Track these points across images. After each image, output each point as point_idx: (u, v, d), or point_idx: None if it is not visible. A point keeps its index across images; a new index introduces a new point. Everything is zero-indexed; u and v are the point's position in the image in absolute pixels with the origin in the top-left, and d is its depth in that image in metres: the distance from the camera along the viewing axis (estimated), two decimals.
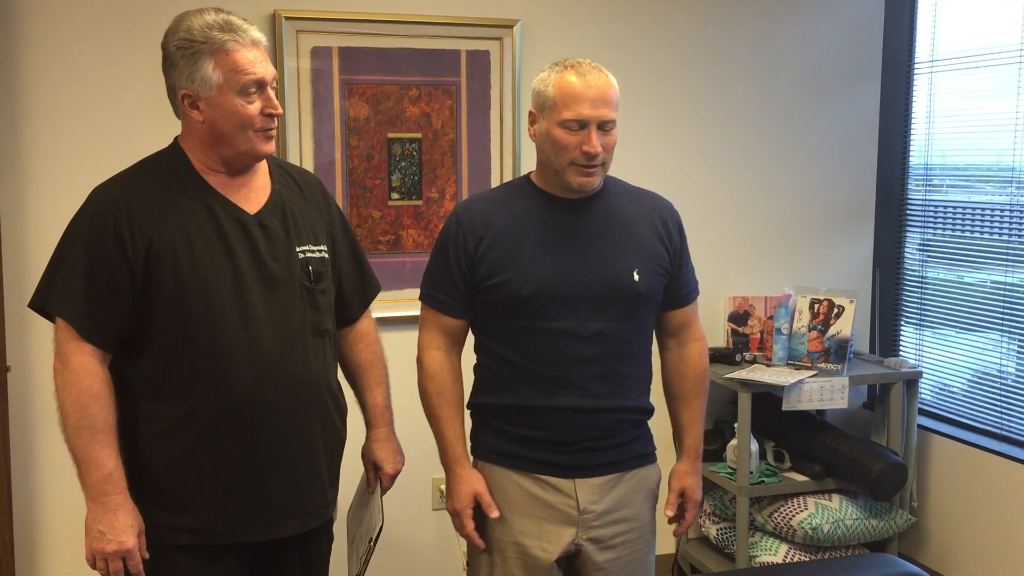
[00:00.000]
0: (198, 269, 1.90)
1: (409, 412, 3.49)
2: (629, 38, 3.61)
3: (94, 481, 1.87)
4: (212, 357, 1.91)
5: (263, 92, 1.93)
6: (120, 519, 1.87)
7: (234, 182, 2.00)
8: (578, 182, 2.12)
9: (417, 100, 3.39)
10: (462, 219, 2.19)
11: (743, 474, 3.40)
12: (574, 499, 2.18)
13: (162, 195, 1.93)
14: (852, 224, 3.99)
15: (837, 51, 3.89)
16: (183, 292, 1.89)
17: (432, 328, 2.26)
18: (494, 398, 2.22)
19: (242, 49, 1.90)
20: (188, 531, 1.94)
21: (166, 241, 1.89)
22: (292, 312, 1.99)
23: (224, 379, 1.91)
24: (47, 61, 3.05)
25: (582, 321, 2.14)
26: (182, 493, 1.93)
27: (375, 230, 3.39)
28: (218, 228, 1.94)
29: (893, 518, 3.53)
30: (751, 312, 3.74)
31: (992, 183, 3.66)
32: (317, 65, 3.27)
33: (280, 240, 2.01)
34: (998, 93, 3.60)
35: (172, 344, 1.90)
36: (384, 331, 3.42)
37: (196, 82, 1.89)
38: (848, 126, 3.94)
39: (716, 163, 3.78)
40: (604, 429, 2.19)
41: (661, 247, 2.23)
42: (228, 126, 1.91)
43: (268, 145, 1.97)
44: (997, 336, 3.57)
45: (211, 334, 1.90)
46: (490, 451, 2.23)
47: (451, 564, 3.61)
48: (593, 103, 2.07)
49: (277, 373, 1.95)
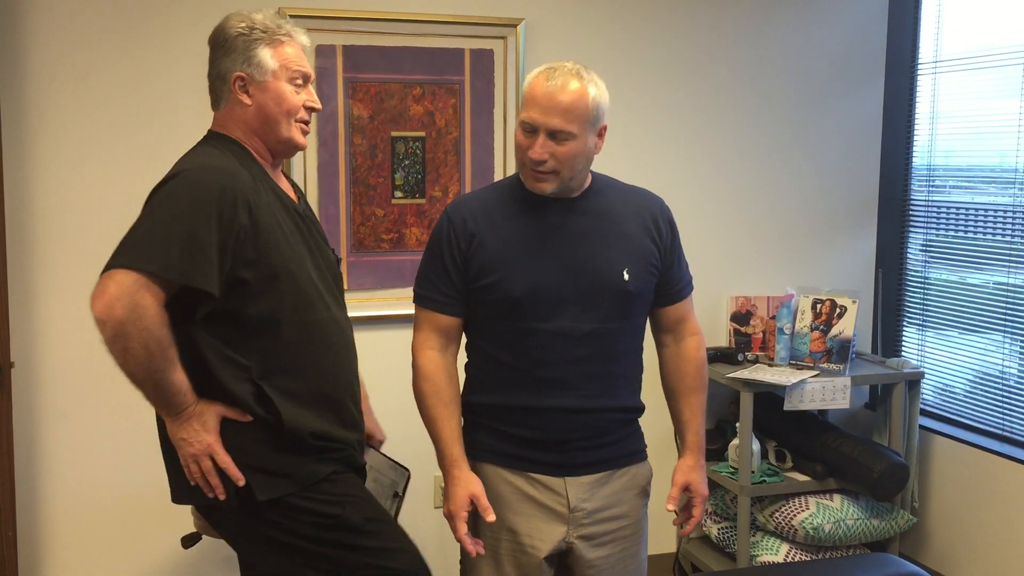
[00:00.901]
0: (295, 254, 2.04)
1: (409, 411, 3.49)
2: (633, 38, 3.61)
3: (176, 403, 1.95)
4: (317, 338, 2.07)
5: (306, 87, 2.11)
6: (196, 423, 1.97)
7: (275, 173, 2.15)
8: (529, 184, 2.13)
9: (421, 99, 3.39)
10: (453, 218, 2.18)
11: (745, 474, 3.40)
12: (564, 497, 2.18)
13: (250, 180, 2.00)
14: (855, 224, 3.99)
15: (841, 51, 3.89)
16: (293, 275, 2.01)
17: (426, 328, 2.23)
18: (485, 398, 2.22)
19: (295, 44, 2.09)
20: (339, 460, 2.12)
21: (267, 225, 1.99)
22: (341, 295, 2.22)
23: (326, 354, 2.10)
24: (53, 61, 3.06)
25: (574, 322, 2.13)
26: (321, 440, 2.08)
27: (378, 228, 3.40)
28: (291, 216, 2.08)
29: (894, 518, 3.53)
30: (753, 312, 3.74)
31: (995, 184, 3.66)
32: (321, 63, 3.27)
33: (321, 232, 2.21)
34: (1002, 94, 3.60)
35: (286, 325, 2.01)
36: (387, 328, 3.46)
37: (252, 66, 2.03)
38: (851, 126, 3.94)
39: (719, 163, 3.78)
40: (594, 428, 2.19)
41: (651, 245, 2.21)
42: (276, 110, 2.05)
43: (303, 139, 2.13)
44: (999, 337, 3.57)
45: (316, 315, 2.06)
46: (482, 449, 2.22)
47: (453, 562, 3.61)
48: (544, 110, 2.03)
49: (350, 350, 2.20)
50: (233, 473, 1.98)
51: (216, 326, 1.98)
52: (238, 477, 1.98)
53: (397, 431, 3.49)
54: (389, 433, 3.48)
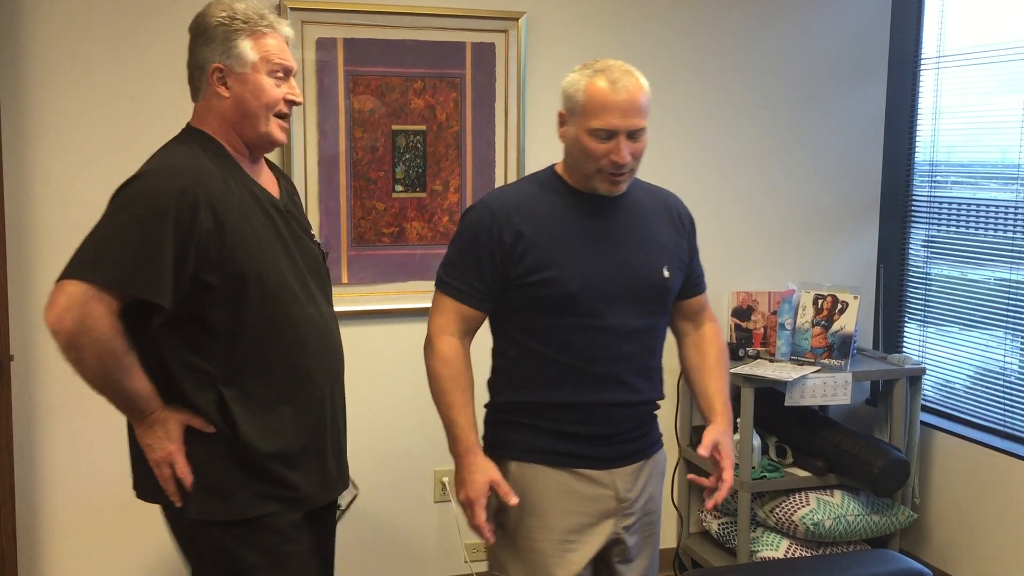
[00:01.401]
0: (267, 254, 1.97)
1: (410, 406, 3.51)
2: (634, 33, 3.60)
3: (138, 410, 1.94)
4: (289, 341, 2.00)
5: (288, 80, 2.04)
6: (159, 431, 1.95)
7: (254, 169, 2.08)
8: (605, 188, 2.14)
9: (422, 92, 3.38)
10: (496, 211, 2.14)
11: (745, 469, 3.39)
12: (612, 489, 2.20)
13: (220, 178, 1.95)
14: (857, 220, 3.98)
15: (843, 47, 3.87)
16: (261, 277, 1.95)
17: (449, 314, 2.19)
18: (527, 395, 2.18)
19: (277, 36, 2.02)
20: (278, 500, 2.01)
21: (236, 224, 1.93)
22: (326, 289, 2.15)
23: (300, 363, 2.02)
24: (53, 59, 3.04)
25: (623, 318, 2.15)
26: (278, 464, 2.01)
27: (379, 222, 3.39)
28: (265, 212, 2.02)
29: (895, 514, 3.53)
30: (755, 307, 3.74)
31: (997, 180, 3.65)
32: (322, 56, 3.26)
33: (304, 228, 2.14)
34: (1004, 90, 3.59)
35: (252, 330, 1.96)
36: (388, 323, 3.46)
37: (231, 57, 1.97)
38: (854, 122, 3.93)
39: (721, 159, 3.77)
40: (638, 420, 2.24)
41: (680, 240, 2.28)
42: (255, 104, 1.99)
43: (282, 135, 2.05)
44: (1001, 333, 3.57)
45: (287, 318, 1.99)
46: (524, 449, 2.18)
47: (453, 557, 3.62)
48: (623, 113, 2.05)
49: (325, 354, 2.09)
50: (185, 484, 1.96)
51: (181, 331, 1.94)
52: (188, 488, 1.96)
53: (395, 425, 3.50)
54: (387, 428, 3.49)
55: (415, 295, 3.43)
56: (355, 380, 3.41)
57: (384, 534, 3.55)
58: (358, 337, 3.42)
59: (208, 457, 1.97)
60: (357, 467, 3.45)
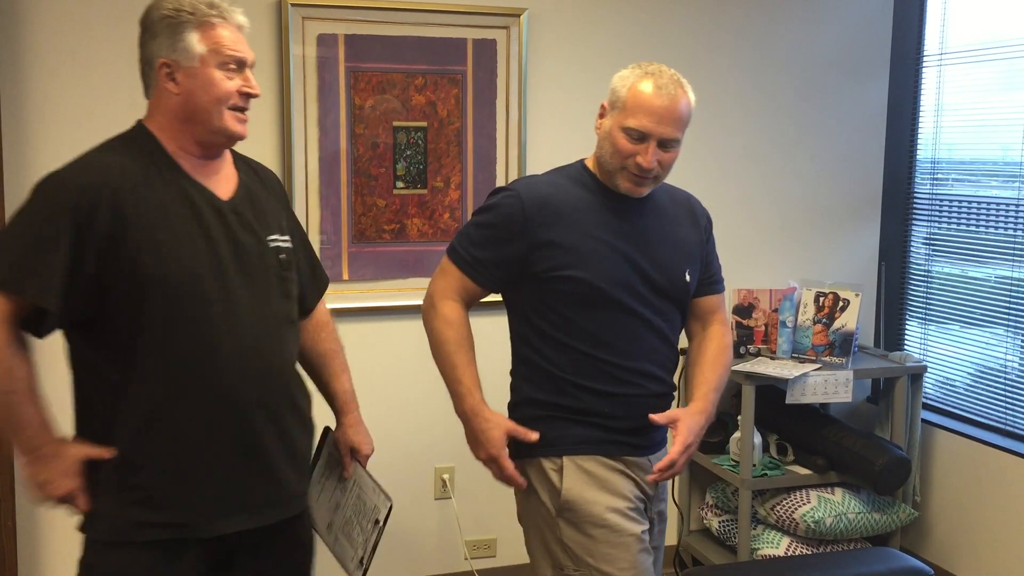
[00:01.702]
0: (181, 256, 1.86)
1: (411, 402, 3.51)
2: (636, 30, 3.59)
3: (26, 438, 1.83)
4: (195, 346, 1.87)
5: (242, 72, 1.93)
6: (57, 466, 1.85)
7: (206, 168, 1.96)
8: (626, 187, 2.16)
9: (423, 89, 3.38)
10: (525, 200, 2.16)
11: (746, 467, 3.39)
12: (651, 473, 2.25)
13: (141, 177, 1.86)
14: (858, 218, 3.98)
15: (846, 44, 3.87)
16: (168, 280, 1.84)
17: (453, 282, 2.22)
18: (564, 389, 2.18)
19: (227, 26, 1.91)
20: (161, 526, 1.88)
21: (147, 226, 1.84)
22: (269, 301, 1.98)
23: (206, 368, 1.88)
24: (54, 57, 3.04)
25: (648, 315, 2.20)
26: (159, 488, 1.88)
27: (379, 219, 3.39)
28: (196, 213, 1.90)
29: (896, 512, 3.53)
30: (756, 305, 3.73)
31: (999, 178, 3.64)
32: (323, 53, 3.26)
33: (252, 228, 1.99)
34: (1007, 87, 3.58)
35: (154, 333, 1.85)
36: (388, 320, 3.45)
37: (178, 51, 1.87)
38: (856, 119, 3.92)
39: (722, 156, 3.77)
40: (664, 410, 2.26)
41: (699, 241, 2.33)
42: (205, 99, 1.89)
43: (241, 127, 1.95)
44: (1002, 331, 3.56)
45: (195, 323, 1.86)
46: (571, 442, 2.18)
47: (453, 553, 3.61)
48: (659, 118, 2.08)
49: (256, 362, 1.93)
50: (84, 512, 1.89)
51: (85, 335, 1.86)
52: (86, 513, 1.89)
53: (395, 422, 3.49)
54: (387, 424, 3.48)
55: (416, 292, 3.42)
56: (355, 377, 3.43)
57: (385, 531, 3.54)
58: (358, 334, 3.42)
59: (102, 468, 1.87)
60: None
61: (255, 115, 3.22)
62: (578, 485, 2.16)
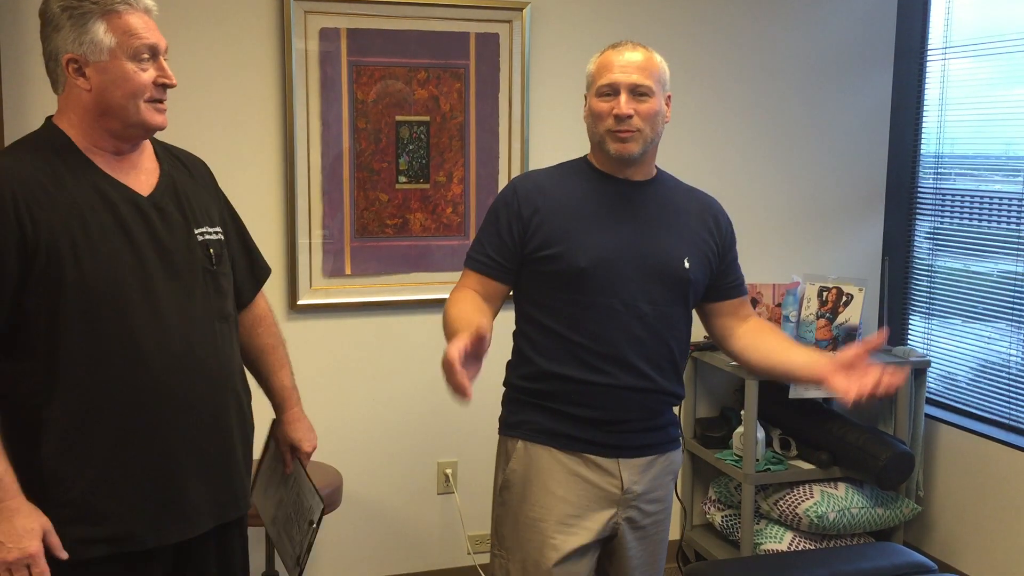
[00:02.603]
0: (98, 258, 1.76)
1: (413, 397, 3.50)
2: (639, 23, 3.58)
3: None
4: (119, 350, 1.77)
5: (156, 60, 1.82)
6: (18, 523, 1.70)
7: (122, 163, 1.86)
8: (614, 148, 2.15)
9: (426, 83, 3.37)
10: (519, 188, 2.23)
11: (749, 461, 3.39)
12: (618, 478, 2.20)
13: (49, 177, 1.76)
14: (862, 212, 3.97)
15: (849, 38, 3.85)
16: (86, 284, 1.75)
17: (470, 283, 2.21)
18: (539, 372, 2.19)
19: (134, 13, 1.79)
20: (106, 541, 1.79)
21: (61, 228, 1.73)
22: (197, 298, 1.89)
23: (132, 373, 1.79)
24: None
25: (634, 300, 2.16)
26: (95, 501, 1.78)
27: (382, 213, 3.38)
28: (113, 211, 1.80)
29: (899, 507, 3.52)
30: (759, 299, 3.72)
31: (1002, 172, 3.63)
32: (325, 47, 3.25)
33: (177, 223, 1.89)
34: (1011, 81, 3.57)
35: (74, 342, 1.75)
36: (390, 314, 3.45)
37: (85, 45, 1.75)
38: (860, 113, 3.91)
39: (725, 149, 3.76)
40: (648, 410, 2.22)
41: (710, 240, 2.27)
42: (118, 94, 1.78)
43: (160, 117, 1.84)
44: (1005, 326, 3.56)
45: (117, 327, 1.77)
46: (534, 430, 2.21)
47: (456, 548, 3.61)
48: (622, 68, 2.13)
49: (186, 363, 1.84)
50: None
51: (2, 349, 1.76)
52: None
53: (398, 417, 3.49)
54: (390, 419, 3.48)
55: (418, 287, 3.42)
56: (358, 372, 3.44)
57: (387, 526, 3.55)
58: (360, 328, 3.42)
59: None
60: (360, 458, 3.47)
61: (257, 110, 3.24)
62: (522, 472, 2.20)
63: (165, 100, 1.85)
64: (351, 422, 3.44)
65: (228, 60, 3.20)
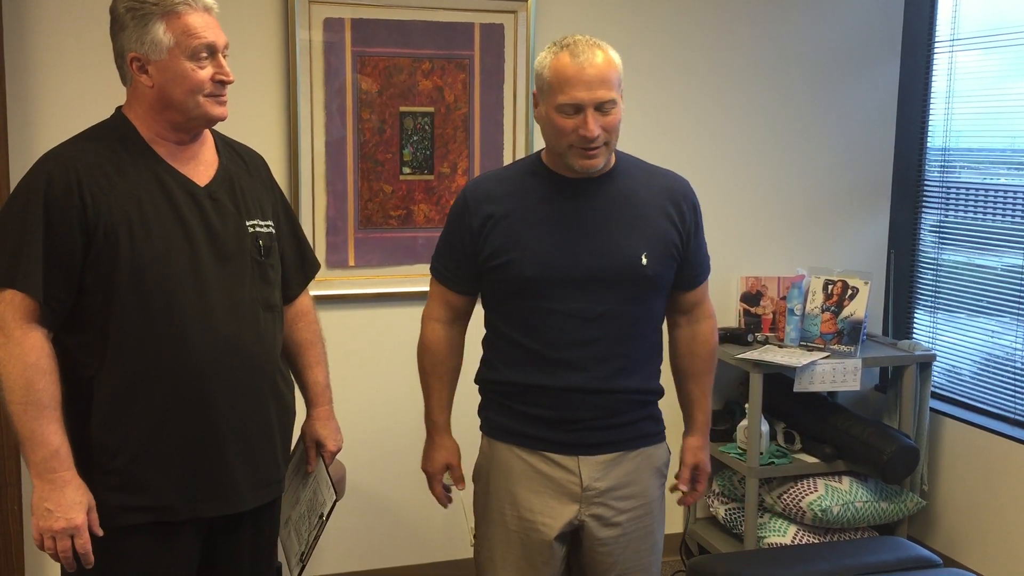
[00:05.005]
0: (152, 241, 1.86)
1: (417, 389, 3.47)
2: (643, 15, 3.56)
3: (40, 458, 1.81)
4: (166, 329, 1.87)
5: (214, 58, 1.92)
6: (68, 495, 1.82)
7: (183, 153, 1.97)
8: (580, 164, 2.09)
9: (430, 73, 3.35)
10: (469, 197, 2.20)
11: (753, 455, 3.38)
12: (577, 476, 2.19)
13: (111, 164, 1.88)
14: (868, 205, 3.95)
15: (856, 31, 3.84)
16: (139, 264, 1.85)
17: (437, 300, 2.31)
18: (499, 375, 2.24)
19: (194, 13, 1.88)
20: (144, 510, 1.90)
21: (119, 211, 1.85)
22: (244, 286, 1.98)
23: (179, 353, 1.88)
24: (58, 49, 3.02)
25: (587, 303, 2.12)
26: (137, 471, 1.88)
27: (386, 204, 3.37)
28: (170, 199, 1.91)
29: (903, 501, 3.52)
30: (764, 292, 3.71)
31: (1009, 166, 3.62)
32: (329, 37, 3.23)
33: (230, 213, 1.99)
34: (1018, 74, 3.55)
35: (126, 318, 1.85)
36: (395, 305, 3.44)
37: (146, 45, 1.85)
38: (866, 106, 3.90)
39: (732, 142, 3.75)
40: (606, 409, 2.18)
41: (672, 230, 2.19)
42: (178, 91, 1.88)
43: (220, 109, 1.94)
44: (1011, 320, 3.54)
45: (166, 307, 1.87)
46: (496, 428, 2.27)
47: (460, 542, 3.61)
48: (588, 86, 2.01)
49: (231, 346, 1.93)
50: (86, 560, 1.84)
51: (61, 324, 1.87)
52: (88, 564, 1.84)
53: (402, 409, 3.48)
54: (394, 411, 3.47)
55: (422, 278, 3.39)
56: (362, 363, 3.43)
57: (391, 519, 3.55)
58: (365, 320, 3.41)
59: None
60: (364, 451, 3.46)
61: (261, 100, 3.22)
62: (486, 467, 2.30)
63: (225, 94, 1.95)
64: (355, 413, 3.42)
65: (232, 50, 3.13)
